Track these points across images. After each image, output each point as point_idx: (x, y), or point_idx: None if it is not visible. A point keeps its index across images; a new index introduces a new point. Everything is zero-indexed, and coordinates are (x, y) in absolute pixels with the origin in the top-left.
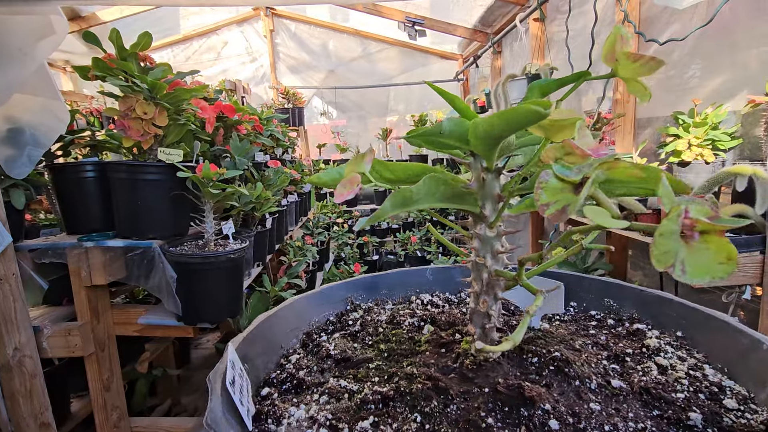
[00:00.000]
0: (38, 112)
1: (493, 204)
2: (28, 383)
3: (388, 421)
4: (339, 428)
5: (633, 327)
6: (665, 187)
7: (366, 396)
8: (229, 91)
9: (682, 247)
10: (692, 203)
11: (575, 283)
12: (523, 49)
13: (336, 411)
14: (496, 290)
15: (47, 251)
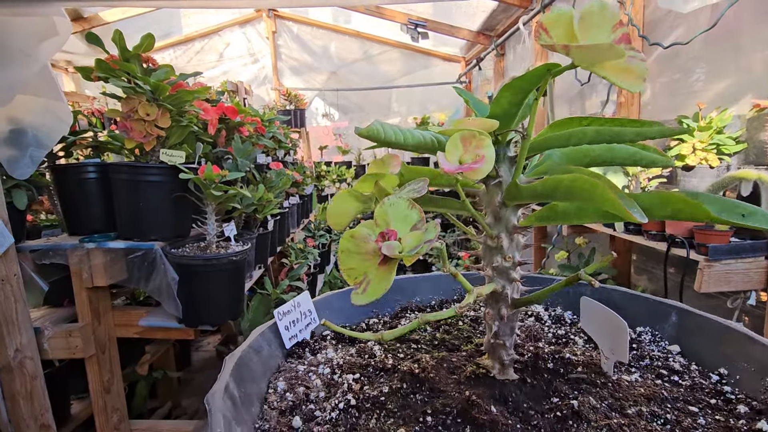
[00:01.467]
0: (41, 113)
1: (508, 235)
2: (28, 384)
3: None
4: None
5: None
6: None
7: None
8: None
9: (373, 268)
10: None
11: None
12: (527, 51)
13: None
14: (513, 324)
15: (48, 252)
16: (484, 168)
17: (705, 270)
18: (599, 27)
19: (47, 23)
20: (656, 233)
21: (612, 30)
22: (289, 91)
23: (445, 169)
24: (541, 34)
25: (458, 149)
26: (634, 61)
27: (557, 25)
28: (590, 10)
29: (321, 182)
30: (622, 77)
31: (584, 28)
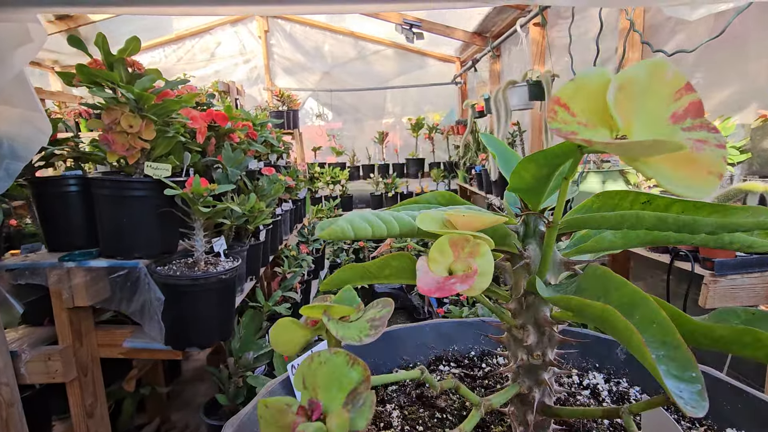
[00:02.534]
0: (17, 123)
1: (537, 328)
2: (4, 413)
3: None
4: None
5: None
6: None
7: None
8: (222, 92)
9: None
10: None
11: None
12: (523, 54)
13: None
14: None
15: (25, 272)
16: (477, 285)
17: (710, 285)
18: (651, 96)
19: (21, 30)
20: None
21: (673, 99)
22: (282, 92)
23: (420, 286)
24: (558, 113)
25: (446, 256)
26: (705, 149)
27: (579, 96)
28: (635, 75)
29: (315, 184)
30: (682, 175)
31: (626, 98)
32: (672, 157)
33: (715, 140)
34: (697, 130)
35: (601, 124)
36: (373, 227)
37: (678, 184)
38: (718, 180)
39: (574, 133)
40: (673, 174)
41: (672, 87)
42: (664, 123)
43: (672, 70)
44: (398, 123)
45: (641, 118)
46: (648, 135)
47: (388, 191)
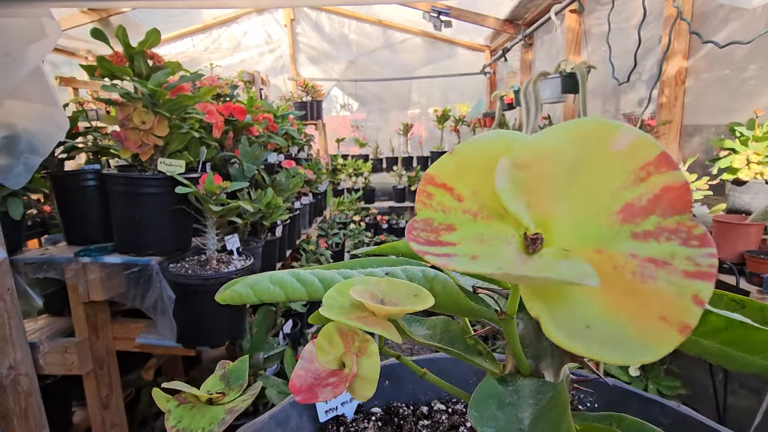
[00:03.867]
0: (35, 119)
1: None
2: (23, 402)
3: None
4: None
5: None
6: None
7: None
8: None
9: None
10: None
11: None
12: (557, 43)
13: None
14: None
15: (43, 266)
16: (358, 392)
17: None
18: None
19: (35, 25)
20: None
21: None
22: (306, 82)
23: (292, 381)
24: (433, 196)
25: (336, 347)
26: (658, 277)
27: (470, 171)
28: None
29: (337, 176)
30: (612, 319)
31: (540, 180)
32: (609, 285)
33: (685, 261)
34: (660, 238)
35: (502, 216)
36: (285, 290)
37: (595, 337)
38: (675, 334)
39: (449, 229)
40: (599, 320)
41: (630, 162)
42: (604, 220)
43: (628, 135)
44: (424, 114)
45: (569, 210)
46: (575, 239)
47: (411, 184)
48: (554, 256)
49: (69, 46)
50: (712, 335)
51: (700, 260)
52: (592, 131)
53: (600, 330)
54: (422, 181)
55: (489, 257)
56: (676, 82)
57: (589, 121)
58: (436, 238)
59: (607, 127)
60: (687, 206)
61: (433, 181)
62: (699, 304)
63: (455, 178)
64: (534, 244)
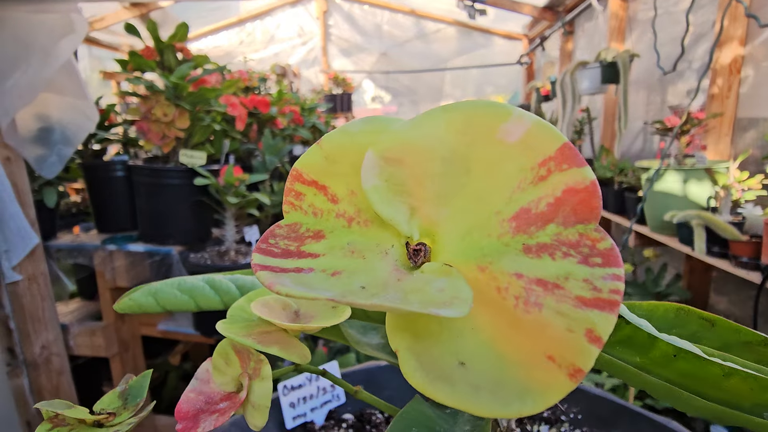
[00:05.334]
0: (67, 111)
1: None
2: (54, 380)
3: None
4: None
5: None
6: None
7: None
8: (278, 75)
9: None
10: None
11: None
12: (599, 31)
13: None
14: None
15: (73, 252)
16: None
17: None
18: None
19: (64, 20)
20: (748, 260)
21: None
22: (336, 75)
23: (179, 405)
24: (304, 196)
25: (233, 366)
26: (545, 305)
27: (337, 167)
28: (429, 133)
29: None
30: (484, 360)
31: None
32: (493, 312)
33: (582, 287)
34: (554, 254)
35: (382, 222)
36: (196, 298)
37: (465, 380)
38: (564, 379)
39: (316, 236)
40: (476, 350)
41: (525, 156)
42: (494, 229)
43: (522, 122)
44: None
45: (459, 213)
46: (458, 252)
47: None
48: (435, 273)
49: (113, 42)
50: (663, 365)
51: (600, 284)
52: (479, 117)
53: (476, 370)
54: (289, 178)
55: (354, 274)
56: (731, 71)
57: (473, 104)
58: (297, 248)
59: (496, 112)
60: (593, 213)
61: (301, 178)
62: (594, 342)
63: (328, 175)
64: (417, 257)
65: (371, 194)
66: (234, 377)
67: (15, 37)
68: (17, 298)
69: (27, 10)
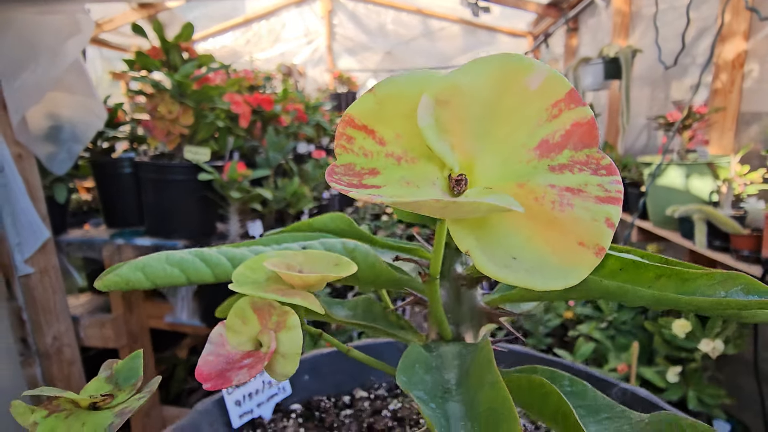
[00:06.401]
0: (76, 109)
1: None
2: (66, 370)
3: None
4: None
5: None
6: None
7: None
8: (284, 75)
9: None
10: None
11: None
12: (603, 27)
13: None
14: None
15: (83, 246)
16: (278, 370)
17: None
18: (507, 114)
19: (71, 21)
20: (749, 254)
21: (546, 118)
22: (341, 74)
23: (199, 368)
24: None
25: (251, 324)
26: (575, 204)
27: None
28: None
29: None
30: (536, 247)
31: (459, 119)
32: (530, 216)
33: (597, 188)
34: (575, 170)
35: (426, 157)
36: (187, 272)
37: (520, 266)
38: (592, 257)
39: (372, 173)
40: (522, 248)
41: (543, 99)
42: (523, 156)
43: (540, 73)
44: None
45: (491, 149)
46: (497, 176)
47: None
48: (479, 194)
49: (122, 43)
50: (612, 276)
51: (609, 186)
52: (510, 69)
53: (525, 260)
54: (341, 123)
55: (417, 196)
56: (734, 66)
57: (507, 57)
58: (359, 182)
59: (523, 65)
60: (595, 140)
61: (353, 123)
62: (611, 227)
63: (376, 120)
64: (459, 186)
65: (426, 131)
66: (251, 336)
67: (22, 37)
68: (29, 290)
69: (34, 12)
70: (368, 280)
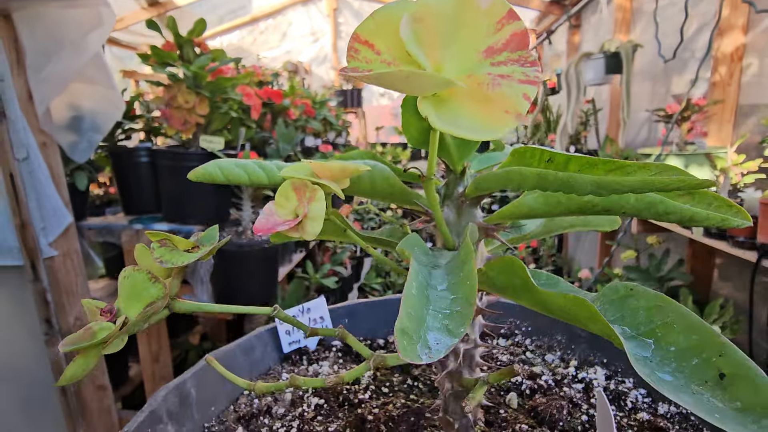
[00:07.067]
0: (97, 100)
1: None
2: None
3: None
4: None
5: None
6: None
7: None
8: (290, 72)
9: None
10: None
11: None
12: (605, 23)
13: None
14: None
15: (103, 231)
16: (308, 229)
17: None
18: (464, 29)
19: (93, 14)
20: (744, 240)
21: (493, 31)
22: None
23: (256, 227)
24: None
25: (291, 200)
26: (503, 84)
27: (383, 31)
28: (438, 4)
29: None
30: (475, 116)
31: (429, 32)
32: (473, 96)
33: (521, 75)
34: (508, 64)
35: (408, 62)
36: (249, 173)
37: (462, 125)
38: (513, 120)
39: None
40: (466, 115)
41: (491, 17)
42: (474, 58)
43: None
44: None
45: (453, 54)
46: (456, 71)
47: None
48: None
49: (132, 42)
50: (564, 167)
51: (530, 74)
52: None
53: (466, 121)
54: (351, 39)
55: (389, 70)
56: (732, 59)
57: None
58: (360, 74)
59: None
60: (526, 45)
61: (358, 39)
62: (527, 100)
63: (374, 36)
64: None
65: (407, 41)
66: (291, 209)
67: (48, 31)
68: (53, 272)
69: (60, 5)
70: (385, 192)
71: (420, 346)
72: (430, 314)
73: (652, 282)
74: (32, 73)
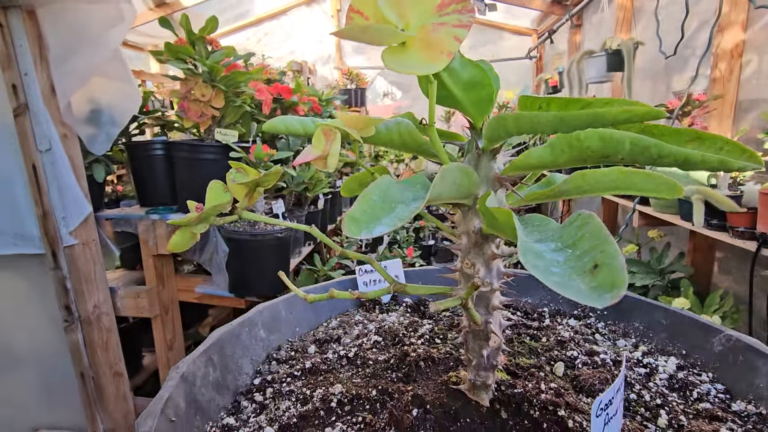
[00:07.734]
0: (115, 94)
1: (485, 262)
2: (104, 336)
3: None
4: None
5: None
6: None
7: None
8: (295, 72)
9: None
10: None
11: None
12: (606, 22)
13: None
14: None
15: (120, 221)
16: (329, 163)
17: None
18: None
19: (115, 10)
20: (744, 230)
21: None
22: (350, 70)
23: (296, 160)
24: (354, 19)
25: (322, 142)
26: (440, 30)
27: (369, 2)
28: None
29: (379, 162)
30: (418, 57)
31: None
32: (422, 43)
33: (456, 21)
34: (450, 14)
35: (386, 23)
36: (304, 127)
37: (407, 64)
38: (445, 58)
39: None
40: (413, 57)
41: None
42: (430, 13)
43: None
44: None
45: (416, 12)
46: (415, 25)
47: None
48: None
49: (139, 42)
50: (546, 108)
51: (464, 20)
52: None
53: (414, 62)
54: (348, 10)
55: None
56: (732, 56)
57: None
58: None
59: None
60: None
61: (353, 9)
62: (458, 41)
63: (363, 5)
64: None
65: (383, 7)
66: (322, 149)
67: (71, 26)
68: (73, 260)
69: (81, 1)
70: (407, 144)
71: (365, 232)
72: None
73: (653, 274)
74: (55, 68)
